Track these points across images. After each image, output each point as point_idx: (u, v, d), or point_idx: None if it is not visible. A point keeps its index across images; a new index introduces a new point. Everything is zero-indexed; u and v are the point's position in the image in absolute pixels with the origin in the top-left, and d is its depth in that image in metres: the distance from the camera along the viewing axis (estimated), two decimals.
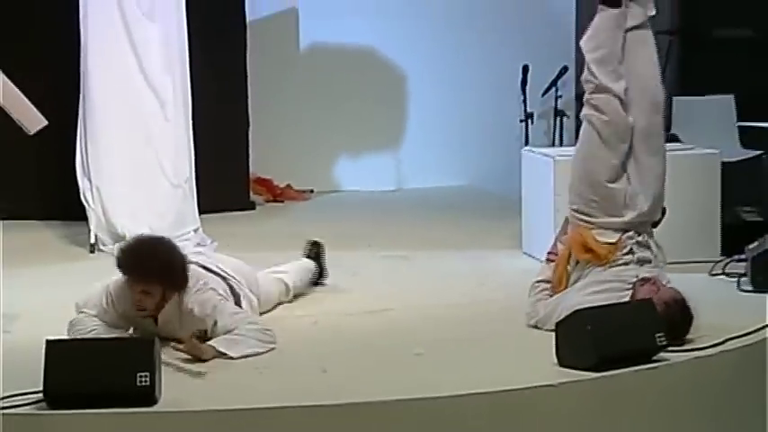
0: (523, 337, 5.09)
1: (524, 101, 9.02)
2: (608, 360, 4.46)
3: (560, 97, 8.98)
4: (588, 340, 4.47)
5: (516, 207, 7.01)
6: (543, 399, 4.35)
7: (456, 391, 4.28)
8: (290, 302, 5.66)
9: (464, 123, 9.45)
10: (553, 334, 4.67)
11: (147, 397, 4.11)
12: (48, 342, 4.16)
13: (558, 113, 9.01)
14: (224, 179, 8.13)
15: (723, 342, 4.78)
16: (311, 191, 9.22)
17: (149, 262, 4.78)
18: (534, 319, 5.17)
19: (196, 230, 7.10)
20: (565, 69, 9.01)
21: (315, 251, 6.04)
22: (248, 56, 8.49)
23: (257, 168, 8.81)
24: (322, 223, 8.07)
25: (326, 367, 4.52)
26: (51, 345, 4.15)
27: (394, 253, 6.90)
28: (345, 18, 9.28)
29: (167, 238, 5.04)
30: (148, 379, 4.09)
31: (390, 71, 9.46)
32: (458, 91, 9.44)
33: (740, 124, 8.71)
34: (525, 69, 9.06)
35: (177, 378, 4.43)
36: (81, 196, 7.11)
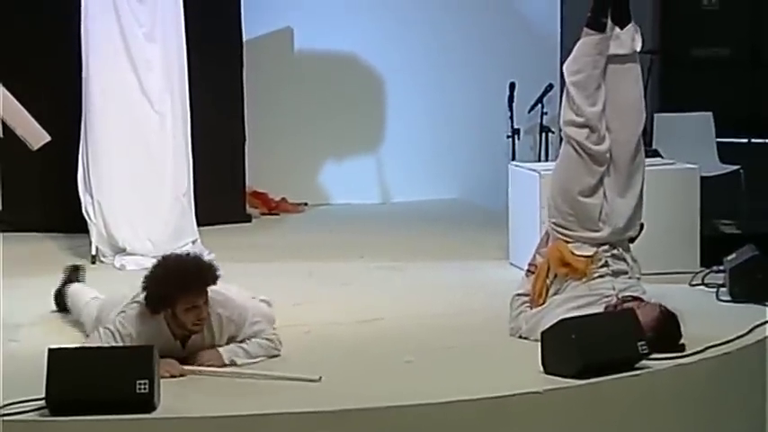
0: (510, 346, 5.09)
1: (511, 117, 9.03)
2: (592, 368, 4.47)
3: (546, 114, 9.00)
4: (573, 348, 4.48)
5: (503, 219, 7.01)
6: (529, 405, 4.36)
7: (445, 398, 4.28)
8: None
9: (453, 138, 9.46)
10: (538, 343, 4.67)
11: (146, 404, 4.10)
12: (50, 350, 4.16)
13: (544, 129, 9.02)
14: (221, 192, 8.12)
15: (703, 350, 4.79)
16: (305, 204, 9.22)
17: (199, 272, 4.58)
18: (518, 333, 5.16)
19: (194, 242, 7.09)
20: (550, 87, 9.03)
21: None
22: (245, 72, 8.50)
23: (253, 182, 8.81)
24: (316, 235, 8.09)
25: (319, 375, 4.50)
26: (53, 353, 4.15)
27: (385, 264, 6.90)
28: (339, 36, 9.30)
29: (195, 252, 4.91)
30: (147, 386, 4.09)
31: (382, 88, 9.47)
32: (447, 107, 9.45)
33: (718, 140, 8.73)
34: (512, 87, 9.08)
35: (175, 385, 4.42)
36: (83, 211, 7.09)
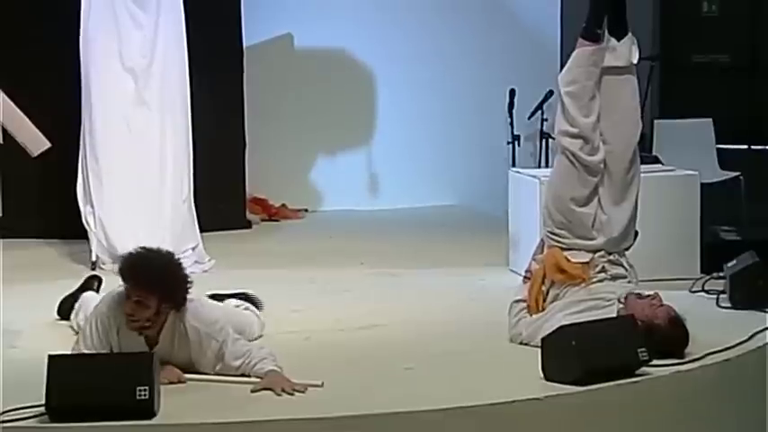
0: (510, 352, 5.07)
1: (511, 124, 9.03)
2: (592, 374, 4.46)
3: (546, 120, 8.99)
4: (573, 355, 4.47)
5: (503, 225, 7.01)
6: (529, 411, 4.34)
7: (445, 404, 4.26)
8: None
9: (453, 145, 9.46)
10: (538, 349, 4.66)
11: (146, 410, 4.09)
12: (50, 357, 4.15)
13: (544, 136, 9.02)
14: (221, 198, 8.11)
15: (703, 357, 4.78)
16: (305, 210, 9.22)
17: (148, 268, 4.54)
18: (518, 339, 5.15)
19: (194, 248, 7.08)
20: (550, 93, 9.01)
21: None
22: (245, 79, 8.49)
23: (253, 188, 8.81)
24: (316, 241, 8.08)
25: (319, 381, 4.49)
26: (53, 359, 4.14)
27: (385, 270, 6.88)
28: (338, 43, 9.31)
29: (172, 253, 4.79)
30: (147, 393, 4.08)
31: (382, 95, 9.48)
32: (447, 114, 9.46)
33: (719, 146, 8.72)
34: (512, 93, 9.08)
35: (175, 392, 4.41)
36: (83, 220, 7.08)
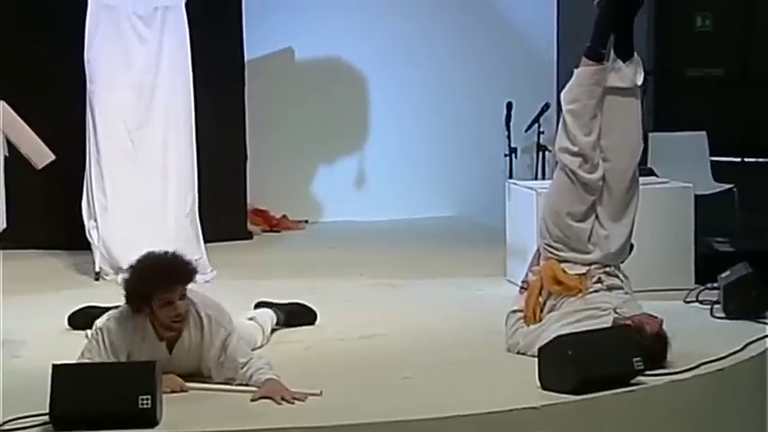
0: (507, 362, 5.08)
1: (508, 136, 9.04)
2: (588, 383, 4.46)
3: (543, 133, 9.00)
4: (569, 364, 4.48)
5: (501, 237, 7.01)
6: (526, 420, 4.35)
7: (443, 413, 4.27)
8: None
9: (452, 157, 9.47)
10: (535, 358, 4.67)
11: (149, 418, 4.09)
12: (54, 366, 4.16)
13: (541, 148, 9.03)
14: (223, 210, 8.12)
15: (697, 366, 4.78)
16: (306, 221, 9.22)
17: (181, 263, 4.56)
18: (515, 348, 5.15)
19: (197, 260, 7.07)
20: (547, 106, 9.03)
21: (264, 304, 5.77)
22: (246, 92, 8.51)
23: (254, 200, 8.82)
24: (316, 252, 8.08)
25: (319, 390, 4.50)
26: (57, 369, 4.15)
27: (384, 281, 6.89)
28: (338, 56, 9.33)
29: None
30: (150, 401, 4.08)
31: (381, 108, 9.49)
32: (446, 127, 9.47)
33: (712, 159, 8.73)
34: (509, 106, 9.08)
35: (177, 400, 4.41)
36: (86, 234, 7.08)
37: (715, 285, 5.95)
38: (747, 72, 10.21)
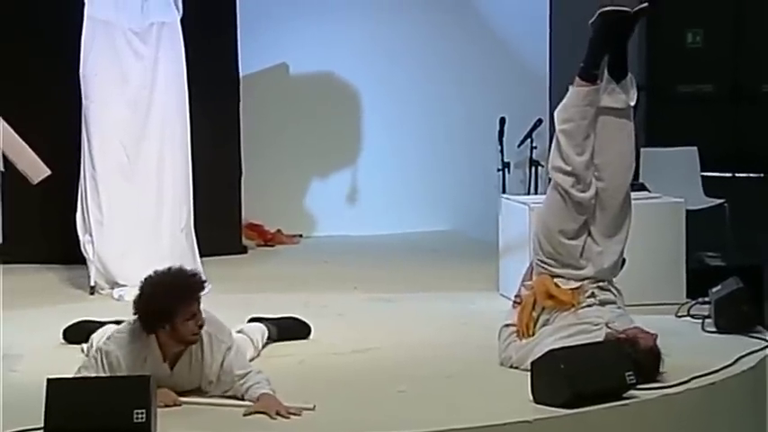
0: (500, 375, 5.07)
1: (501, 151, 9.06)
2: (581, 397, 4.46)
3: (535, 148, 9.02)
4: (562, 378, 4.47)
5: (494, 251, 7.02)
6: None
7: (437, 427, 4.25)
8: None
9: (445, 172, 9.49)
10: (528, 372, 4.67)
11: None
12: (49, 380, 4.14)
13: (533, 163, 9.04)
14: (218, 224, 8.12)
15: (689, 380, 4.78)
16: (300, 235, 9.23)
17: (195, 278, 4.57)
18: (508, 362, 5.15)
19: None
20: (539, 122, 9.05)
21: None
22: (241, 107, 8.52)
23: (249, 214, 8.82)
24: (310, 266, 8.08)
25: (313, 404, 4.49)
26: (52, 383, 4.13)
27: (378, 295, 6.89)
28: (332, 72, 9.34)
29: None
30: (144, 415, 4.07)
31: (375, 124, 9.51)
32: (439, 142, 9.49)
33: (703, 174, 8.75)
34: (502, 121, 9.10)
35: (172, 415, 4.40)
36: (81, 248, 7.07)
37: (706, 300, 5.95)
38: (738, 88, 10.24)
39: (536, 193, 8.52)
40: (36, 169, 5.18)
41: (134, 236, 7.04)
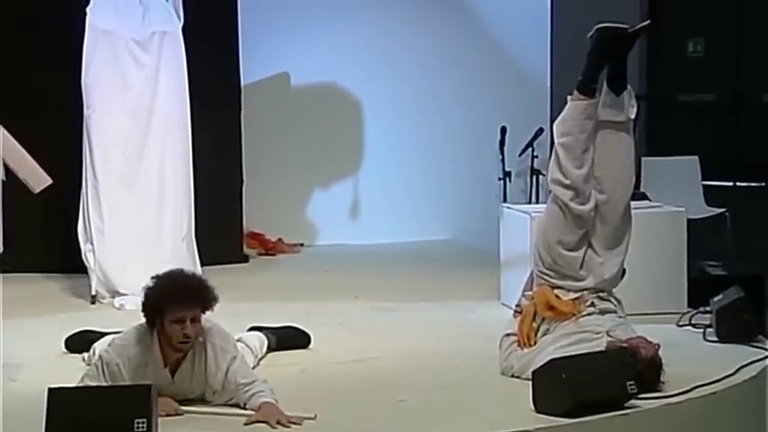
0: (501, 384, 5.07)
1: (502, 160, 9.05)
2: (582, 406, 4.46)
3: (536, 157, 9.01)
4: (563, 387, 4.47)
5: (495, 260, 7.01)
6: None
7: None
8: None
9: (447, 181, 9.49)
10: (529, 381, 4.66)
11: None
12: (50, 390, 4.14)
13: (535, 172, 9.03)
14: (219, 233, 8.12)
15: (690, 390, 4.78)
16: (301, 244, 9.22)
17: (196, 284, 4.56)
18: (510, 372, 5.15)
19: None
20: (540, 131, 9.04)
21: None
22: (242, 116, 8.53)
23: (250, 223, 8.82)
24: (311, 275, 8.08)
25: (314, 413, 4.48)
26: (53, 392, 4.13)
27: (379, 304, 6.88)
28: (333, 81, 9.35)
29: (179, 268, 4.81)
30: (145, 425, 4.07)
31: (376, 133, 9.51)
32: (440, 151, 9.49)
33: (704, 183, 8.75)
34: (503, 131, 9.09)
35: (172, 424, 4.40)
36: (83, 257, 7.07)
37: (707, 309, 5.95)
38: (739, 97, 10.24)
39: (537, 203, 8.52)
40: (37, 178, 5.18)
41: (135, 245, 7.03)
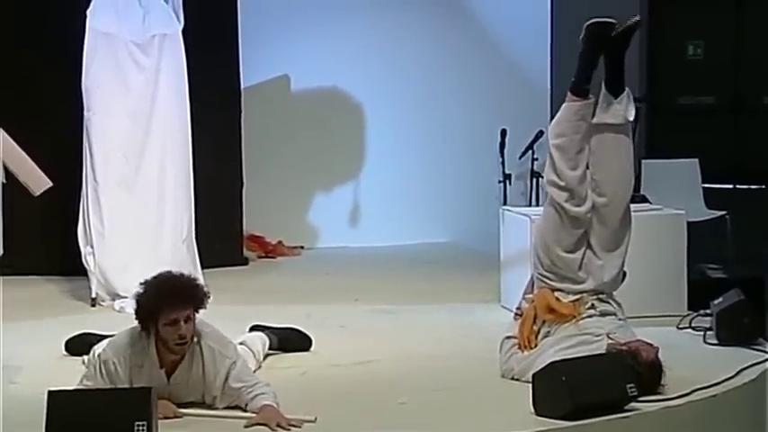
0: (501, 387, 5.07)
1: (502, 163, 9.04)
2: (582, 409, 4.46)
3: (536, 160, 9.00)
4: (563, 390, 4.47)
5: (495, 263, 7.01)
6: None
7: None
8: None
9: (446, 184, 9.49)
10: (529, 384, 4.66)
11: None
12: (50, 392, 4.14)
13: (534, 175, 9.02)
14: (219, 236, 8.12)
15: (690, 393, 4.78)
16: (301, 247, 9.22)
17: (187, 284, 4.55)
18: (510, 374, 5.15)
19: None
20: (540, 134, 9.03)
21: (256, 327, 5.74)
22: (243, 119, 8.53)
23: (250, 226, 8.82)
24: (312, 278, 8.08)
25: (314, 415, 4.48)
26: (53, 395, 4.13)
27: (380, 306, 6.89)
28: (334, 84, 9.35)
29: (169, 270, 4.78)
30: (145, 428, 4.07)
31: (376, 135, 9.51)
32: (440, 154, 9.49)
33: (705, 186, 8.75)
34: (503, 133, 9.09)
35: (172, 427, 4.40)
36: (83, 260, 7.07)
37: (708, 312, 5.95)
38: (739, 99, 10.25)
39: (537, 205, 8.50)
40: (37, 181, 5.18)
41: (135, 247, 7.03)
